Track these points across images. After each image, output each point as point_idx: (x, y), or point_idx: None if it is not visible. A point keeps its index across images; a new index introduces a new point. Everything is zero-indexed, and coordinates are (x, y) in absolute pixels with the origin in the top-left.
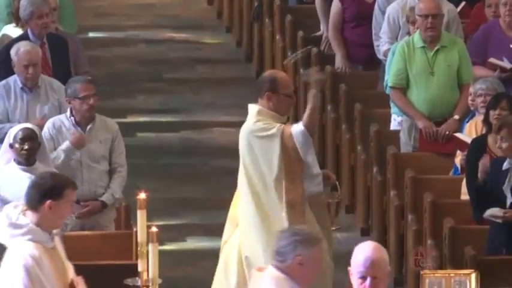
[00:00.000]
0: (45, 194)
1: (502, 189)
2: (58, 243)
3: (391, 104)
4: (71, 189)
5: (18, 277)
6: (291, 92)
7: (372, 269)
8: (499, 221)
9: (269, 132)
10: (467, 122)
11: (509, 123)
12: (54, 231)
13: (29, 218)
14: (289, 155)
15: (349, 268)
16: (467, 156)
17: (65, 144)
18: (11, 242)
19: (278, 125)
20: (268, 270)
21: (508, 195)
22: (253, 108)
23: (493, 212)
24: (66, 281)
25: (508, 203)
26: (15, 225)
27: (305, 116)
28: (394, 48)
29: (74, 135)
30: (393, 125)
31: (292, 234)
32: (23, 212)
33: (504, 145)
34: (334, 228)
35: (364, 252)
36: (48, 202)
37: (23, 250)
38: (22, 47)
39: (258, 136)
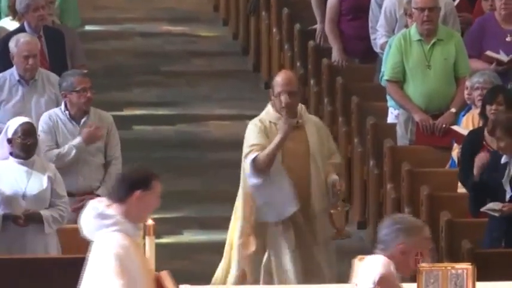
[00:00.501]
0: (134, 185)
1: (501, 183)
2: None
3: (388, 97)
4: (158, 180)
5: (110, 265)
6: (277, 93)
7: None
8: (497, 214)
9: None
10: (464, 115)
11: (501, 122)
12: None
13: (115, 211)
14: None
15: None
16: (462, 148)
17: (77, 140)
18: (97, 234)
19: (253, 144)
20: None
21: (507, 188)
22: None
23: (491, 206)
24: (152, 274)
25: (507, 197)
26: (104, 216)
27: (265, 151)
28: (392, 42)
29: (85, 131)
30: (390, 118)
31: (395, 222)
32: (109, 206)
33: (502, 144)
34: (343, 238)
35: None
36: (137, 193)
37: (113, 240)
38: (22, 38)
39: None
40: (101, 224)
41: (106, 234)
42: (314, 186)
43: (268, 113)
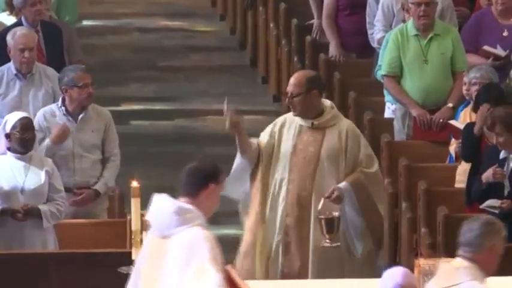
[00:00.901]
0: (208, 178)
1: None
2: None
3: (385, 92)
4: (223, 173)
5: (207, 258)
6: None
7: None
8: (496, 211)
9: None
10: (462, 110)
11: (500, 117)
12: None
13: (191, 205)
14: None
15: None
16: (462, 140)
17: (47, 141)
18: (178, 229)
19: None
20: (457, 261)
21: (506, 184)
22: None
23: (490, 203)
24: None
25: (506, 192)
26: (185, 211)
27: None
28: (388, 37)
29: (56, 131)
30: (387, 113)
31: (483, 224)
32: (182, 201)
33: (501, 139)
34: (334, 245)
35: (393, 278)
36: (211, 186)
37: (202, 233)
38: (18, 31)
39: None
40: (183, 219)
41: (191, 229)
42: (316, 191)
43: None
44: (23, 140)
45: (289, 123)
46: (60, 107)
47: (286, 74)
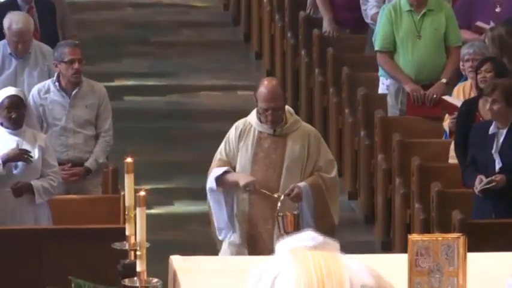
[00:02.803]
0: None
1: (491, 154)
2: None
3: (380, 67)
4: None
5: None
6: (261, 108)
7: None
8: (493, 185)
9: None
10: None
11: (502, 85)
12: None
13: None
14: None
15: None
16: (457, 118)
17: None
18: None
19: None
20: None
21: (497, 159)
22: None
23: (485, 183)
24: None
25: (497, 167)
26: None
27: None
28: (382, 12)
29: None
30: (381, 88)
31: None
32: None
33: (495, 107)
34: None
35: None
36: None
37: None
38: (14, 24)
39: None
40: None
41: None
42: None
43: (252, 115)
44: (10, 119)
45: (245, 131)
46: (55, 82)
47: (280, 50)
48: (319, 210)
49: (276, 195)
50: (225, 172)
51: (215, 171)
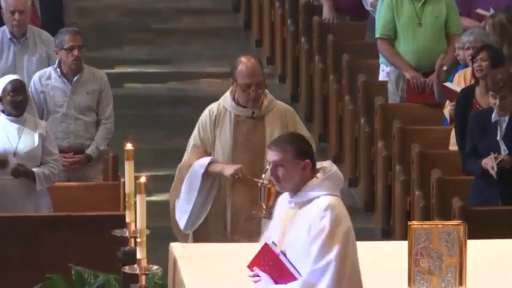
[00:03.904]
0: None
1: (496, 141)
2: None
3: (380, 54)
4: None
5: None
6: (246, 83)
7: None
8: (494, 170)
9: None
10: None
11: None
12: None
13: None
14: None
15: None
16: (455, 106)
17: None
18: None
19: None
20: None
21: (503, 146)
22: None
23: (491, 162)
24: None
25: (503, 154)
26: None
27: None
28: None
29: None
30: (381, 75)
31: None
32: None
33: (505, 102)
34: (264, 216)
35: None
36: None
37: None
38: None
39: None
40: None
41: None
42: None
43: (226, 98)
44: (15, 102)
45: (220, 115)
46: (56, 69)
47: (280, 37)
48: None
49: (261, 180)
50: (209, 163)
51: (202, 161)
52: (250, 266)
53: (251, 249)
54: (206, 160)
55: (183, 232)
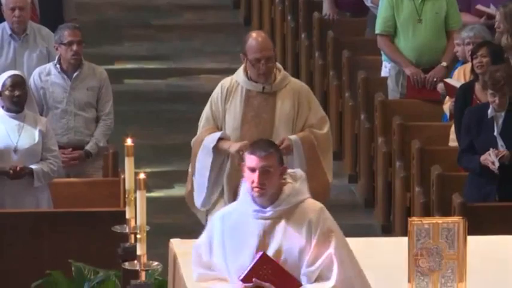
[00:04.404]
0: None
1: (493, 136)
2: None
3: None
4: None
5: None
6: (257, 58)
7: None
8: (496, 165)
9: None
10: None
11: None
12: None
13: None
14: None
15: None
16: (455, 103)
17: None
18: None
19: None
20: None
21: (500, 141)
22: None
23: (491, 157)
24: None
25: (501, 149)
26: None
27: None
28: None
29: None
30: (384, 72)
31: None
32: None
33: (504, 99)
34: None
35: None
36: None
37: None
38: None
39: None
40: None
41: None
42: None
43: (239, 73)
44: (13, 97)
45: (232, 90)
46: (56, 65)
47: (280, 33)
48: (312, 167)
49: None
50: (219, 138)
51: (212, 136)
52: (246, 279)
53: None
54: (216, 135)
55: (200, 210)
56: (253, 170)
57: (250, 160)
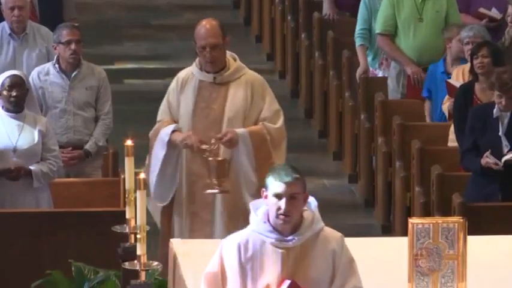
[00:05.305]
0: None
1: (498, 136)
2: None
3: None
4: None
5: None
6: (202, 45)
7: None
8: (500, 164)
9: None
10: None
11: None
12: None
13: None
14: None
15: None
16: (454, 103)
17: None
18: None
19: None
20: None
21: (505, 141)
22: None
23: (492, 160)
24: None
25: (505, 149)
26: None
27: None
28: None
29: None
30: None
31: None
32: None
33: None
34: (221, 192)
35: None
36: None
37: None
38: None
39: None
40: None
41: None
42: (224, 153)
43: (194, 64)
44: (9, 97)
45: (187, 81)
46: (54, 64)
47: (280, 33)
48: (261, 161)
49: (207, 154)
50: (172, 131)
51: (166, 129)
52: None
53: None
54: (170, 128)
55: (156, 204)
56: (279, 196)
57: (276, 186)
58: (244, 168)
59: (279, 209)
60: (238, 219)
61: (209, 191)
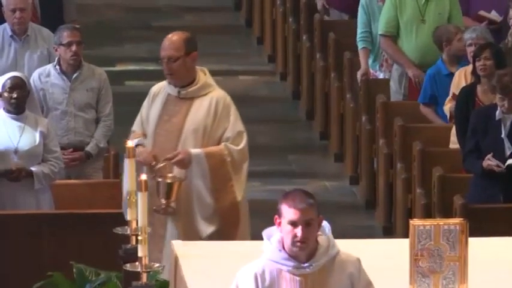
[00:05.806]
0: None
1: (500, 138)
2: None
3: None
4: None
5: None
6: (161, 57)
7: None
8: (502, 166)
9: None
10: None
11: None
12: None
13: None
14: None
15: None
16: (456, 105)
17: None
18: None
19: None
20: None
21: (507, 144)
22: None
23: (494, 162)
24: None
25: (508, 152)
26: None
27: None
28: None
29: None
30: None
31: None
32: None
33: None
34: (165, 213)
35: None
36: None
37: None
38: None
39: None
40: None
41: None
42: (179, 173)
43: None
44: (10, 99)
45: (158, 94)
46: (55, 66)
47: (281, 35)
48: (219, 182)
49: (155, 173)
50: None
51: (133, 143)
52: None
53: (253, 247)
54: (135, 142)
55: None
56: (294, 224)
57: (291, 213)
58: (198, 190)
59: (295, 236)
60: (193, 239)
61: (155, 209)
